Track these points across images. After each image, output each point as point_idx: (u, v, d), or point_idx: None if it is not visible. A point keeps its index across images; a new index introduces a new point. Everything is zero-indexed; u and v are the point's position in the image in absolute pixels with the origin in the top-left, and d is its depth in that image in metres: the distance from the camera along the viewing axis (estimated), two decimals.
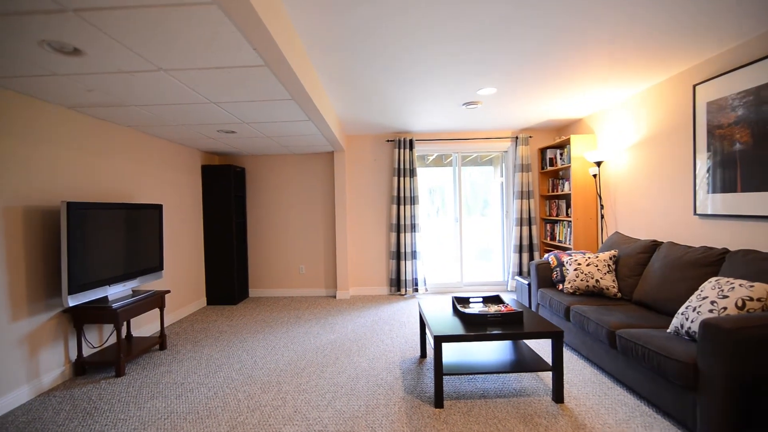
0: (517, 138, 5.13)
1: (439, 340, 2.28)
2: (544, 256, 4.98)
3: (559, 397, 2.31)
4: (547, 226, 5.16)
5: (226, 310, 4.73)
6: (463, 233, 5.45)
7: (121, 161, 3.48)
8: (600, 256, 3.27)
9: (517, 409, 2.26)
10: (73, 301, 2.62)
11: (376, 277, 5.38)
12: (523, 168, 5.08)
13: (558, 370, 2.30)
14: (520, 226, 5.10)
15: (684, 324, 2.12)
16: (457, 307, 2.70)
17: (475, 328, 2.41)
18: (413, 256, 5.15)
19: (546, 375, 2.69)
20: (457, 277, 5.46)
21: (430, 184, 5.84)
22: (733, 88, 2.61)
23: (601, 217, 4.13)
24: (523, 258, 5.11)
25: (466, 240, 5.51)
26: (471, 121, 4.69)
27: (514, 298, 4.01)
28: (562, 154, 4.71)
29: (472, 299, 2.89)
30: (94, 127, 3.17)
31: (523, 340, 2.87)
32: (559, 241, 4.77)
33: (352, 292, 5.38)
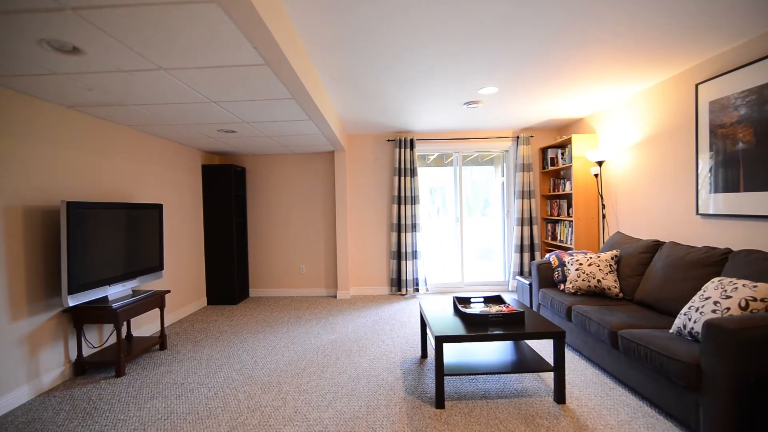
0: (518, 137, 5.12)
1: (441, 340, 2.27)
2: (545, 256, 4.96)
3: (560, 397, 2.30)
4: (548, 225, 5.15)
5: (227, 310, 4.73)
6: (463, 233, 5.44)
7: (121, 161, 3.47)
8: (602, 256, 3.25)
9: (519, 409, 2.25)
10: (73, 300, 2.61)
11: (376, 277, 5.37)
12: (524, 168, 5.06)
13: (560, 370, 2.29)
14: (521, 225, 5.09)
15: (687, 324, 2.11)
16: (458, 307, 2.69)
17: (477, 328, 2.39)
18: (414, 255, 5.14)
19: (547, 375, 2.68)
20: (457, 277, 5.45)
21: (431, 183, 5.83)
22: (736, 87, 2.60)
23: (603, 216, 4.12)
24: (524, 258, 5.10)
25: (467, 240, 5.49)
26: (472, 121, 4.68)
27: (515, 298, 3.99)
28: (563, 154, 4.69)
29: (473, 299, 2.88)
30: (93, 127, 3.16)
31: (525, 341, 2.86)
32: (561, 241, 4.75)
33: (353, 292, 5.37)
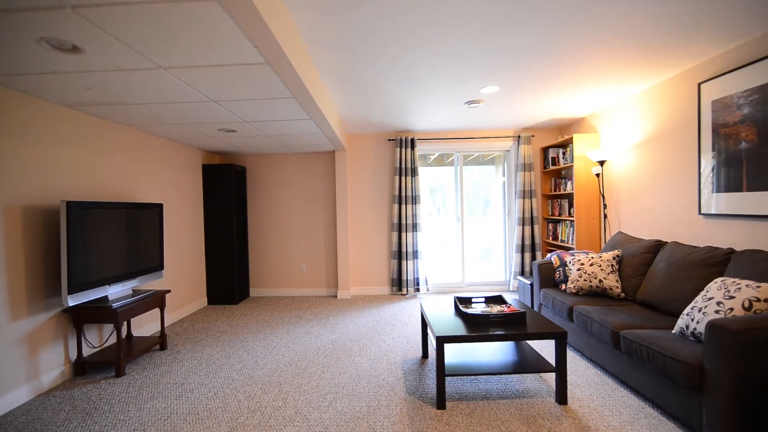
0: (519, 137, 5.10)
1: (442, 340, 2.26)
2: (546, 256, 4.95)
3: (562, 398, 2.28)
4: (550, 225, 5.13)
5: (227, 309, 4.72)
6: (464, 233, 5.42)
7: (121, 160, 3.46)
8: (603, 256, 3.24)
9: (520, 410, 2.24)
10: (72, 300, 2.61)
11: (377, 277, 5.36)
12: (525, 167, 5.05)
13: (561, 371, 2.28)
14: (522, 225, 5.08)
15: (689, 325, 2.10)
16: (460, 307, 2.68)
17: (478, 328, 2.38)
18: (415, 255, 5.12)
19: (549, 376, 2.67)
20: (458, 277, 5.43)
21: (432, 183, 5.81)
22: (739, 87, 2.58)
23: (604, 216, 4.10)
24: (525, 258, 5.09)
25: (468, 240, 5.48)
26: (473, 120, 4.66)
27: (516, 298, 3.98)
28: (564, 154, 4.68)
29: (474, 299, 2.87)
30: (93, 126, 3.15)
31: (526, 341, 2.85)
32: (562, 240, 4.74)
33: (353, 291, 5.36)
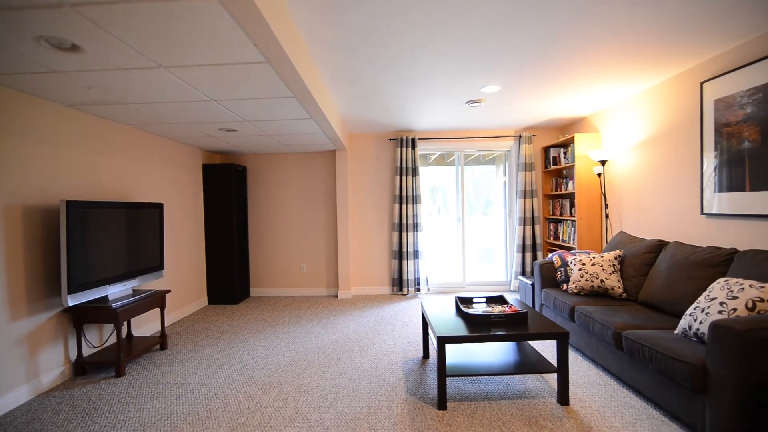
0: (520, 137, 5.09)
1: (443, 341, 2.25)
2: (547, 256, 4.94)
3: (564, 399, 2.27)
4: (551, 225, 5.12)
5: (227, 309, 4.71)
6: (465, 233, 5.41)
7: (122, 160, 3.45)
8: (605, 255, 3.22)
9: (522, 411, 2.22)
10: (72, 300, 2.60)
11: (378, 277, 5.35)
12: (527, 167, 5.04)
13: (563, 371, 2.27)
14: (523, 225, 5.06)
15: (692, 325, 2.09)
16: (461, 307, 2.66)
17: (479, 328, 2.37)
18: (415, 255, 5.11)
19: (550, 377, 2.66)
20: (459, 277, 5.42)
21: (432, 183, 5.80)
22: (742, 86, 2.57)
23: (606, 216, 4.09)
24: (526, 258, 5.07)
25: (469, 239, 5.47)
26: (474, 120, 4.65)
27: (518, 298, 3.97)
28: (565, 153, 4.66)
29: (475, 299, 2.86)
30: (94, 126, 3.14)
31: (528, 341, 2.84)
32: (563, 240, 4.73)
33: (354, 291, 5.35)
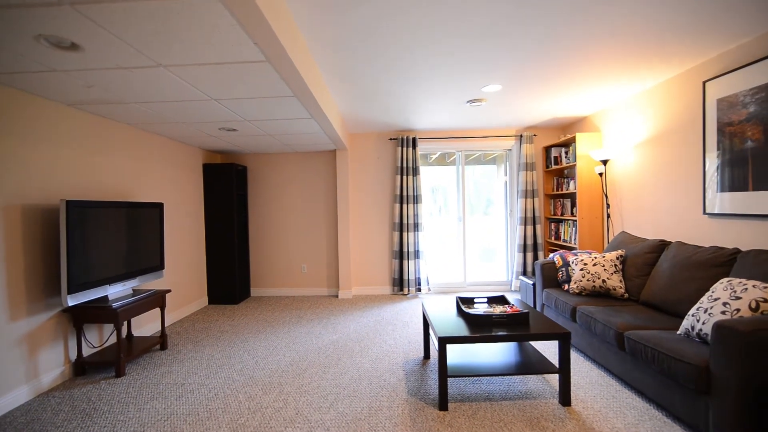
0: (521, 136, 5.07)
1: (444, 341, 2.24)
2: (549, 256, 4.93)
3: (566, 400, 2.26)
4: (552, 225, 5.10)
5: (228, 309, 4.70)
6: (466, 232, 5.39)
7: (122, 159, 3.44)
8: (606, 255, 3.21)
9: (523, 412, 2.21)
10: (72, 300, 2.59)
11: (378, 277, 5.34)
12: (528, 167, 5.02)
13: (565, 372, 2.25)
14: (524, 225, 5.05)
15: (695, 326, 2.07)
16: (462, 307, 2.65)
17: (480, 329, 2.36)
18: (416, 255, 5.10)
19: (552, 377, 2.64)
20: (460, 277, 5.41)
21: (433, 182, 5.79)
22: (745, 85, 2.55)
23: (607, 216, 4.07)
24: (527, 258, 5.06)
25: (470, 239, 5.45)
26: (474, 120, 4.63)
27: (519, 298, 3.96)
28: (567, 153, 4.65)
29: (476, 299, 2.84)
30: (93, 125, 3.13)
31: (529, 342, 2.82)
32: (564, 240, 4.71)
33: (355, 291, 5.34)
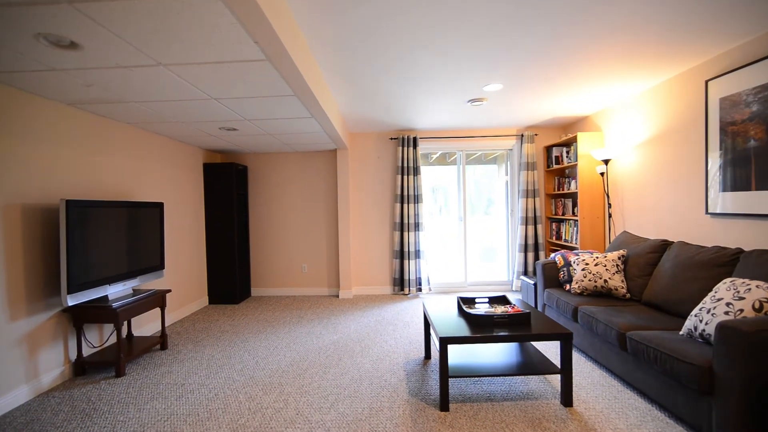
0: (522, 136, 5.06)
1: (445, 341, 2.23)
2: (550, 256, 4.91)
3: (567, 400, 2.25)
4: (553, 225, 5.09)
5: (228, 309, 4.69)
6: (467, 232, 5.38)
7: (122, 159, 3.44)
8: (608, 255, 3.20)
9: (525, 412, 2.20)
10: (72, 300, 2.58)
11: (379, 277, 5.33)
12: (529, 166, 5.01)
13: (567, 372, 2.24)
14: (525, 225, 5.03)
15: (698, 326, 2.06)
16: (463, 307, 2.64)
17: (482, 329, 2.35)
18: (417, 255, 5.09)
19: (553, 378, 2.63)
20: (461, 277, 5.39)
21: (434, 182, 5.78)
22: (748, 84, 2.53)
23: (609, 216, 4.06)
24: (528, 257, 5.05)
25: (470, 239, 5.44)
26: (475, 119, 4.62)
27: (520, 298, 3.94)
28: (568, 152, 4.63)
29: (477, 299, 2.83)
30: (93, 124, 3.12)
31: (530, 342, 2.81)
32: (565, 240, 4.70)
33: (355, 291, 5.33)
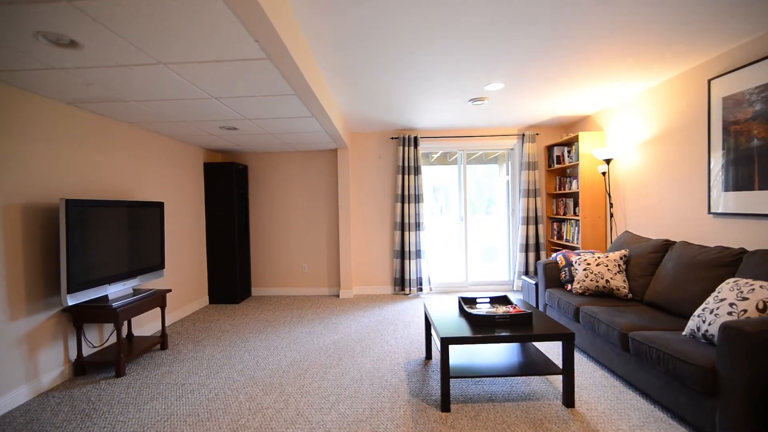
0: (523, 135, 5.05)
1: (447, 342, 2.21)
2: (551, 256, 4.90)
3: (569, 401, 2.24)
4: (554, 225, 5.07)
5: (228, 309, 4.69)
6: (468, 232, 5.36)
7: (122, 158, 3.43)
8: (610, 255, 3.18)
9: (527, 413, 2.19)
10: (72, 300, 2.57)
11: (379, 276, 5.32)
12: (530, 166, 4.99)
13: (569, 373, 2.23)
14: (527, 224, 5.02)
15: (701, 326, 2.05)
16: (464, 307, 2.63)
17: (483, 329, 2.34)
18: (417, 255, 5.08)
19: (555, 378, 2.62)
20: (461, 277, 5.38)
21: (435, 182, 5.77)
22: (751, 83, 2.52)
23: (610, 215, 4.04)
24: (529, 257, 5.03)
25: (471, 239, 5.43)
26: (476, 119, 4.61)
27: (521, 298, 3.93)
28: (569, 152, 4.62)
29: (478, 299, 2.82)
30: (94, 124, 3.12)
31: (532, 342, 2.80)
32: (567, 240, 4.68)
33: (356, 291, 5.32)
